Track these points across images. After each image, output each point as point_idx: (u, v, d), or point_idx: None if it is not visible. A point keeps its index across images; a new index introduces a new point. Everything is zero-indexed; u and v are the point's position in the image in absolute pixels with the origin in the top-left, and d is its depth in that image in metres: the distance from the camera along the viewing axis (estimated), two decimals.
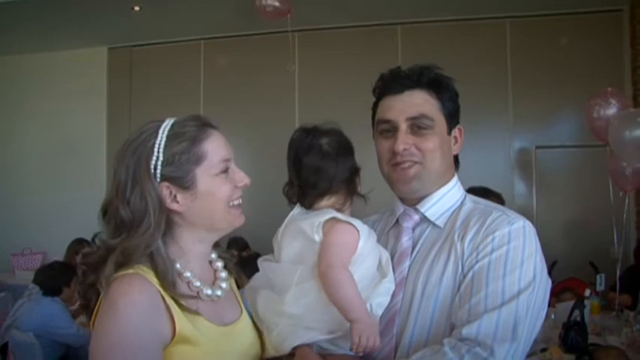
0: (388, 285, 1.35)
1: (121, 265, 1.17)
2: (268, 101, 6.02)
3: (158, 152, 1.21)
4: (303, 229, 1.38)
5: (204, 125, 1.27)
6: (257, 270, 1.45)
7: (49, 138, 6.59)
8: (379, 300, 1.33)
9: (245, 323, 1.35)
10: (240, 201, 1.31)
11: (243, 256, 4.31)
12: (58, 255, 5.18)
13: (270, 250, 1.46)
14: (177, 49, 6.39)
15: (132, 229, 1.19)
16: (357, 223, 1.38)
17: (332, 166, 1.41)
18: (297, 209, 1.46)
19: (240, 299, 1.42)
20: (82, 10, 5.32)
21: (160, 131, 1.23)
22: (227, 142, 1.31)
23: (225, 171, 1.27)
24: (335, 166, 1.41)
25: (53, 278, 3.89)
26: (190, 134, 1.24)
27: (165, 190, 1.21)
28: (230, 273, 1.40)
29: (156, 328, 1.13)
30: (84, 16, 5.48)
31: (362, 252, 1.36)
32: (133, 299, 1.11)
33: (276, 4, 4.72)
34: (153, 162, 1.21)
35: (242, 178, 1.30)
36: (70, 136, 6.50)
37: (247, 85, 6.08)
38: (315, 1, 5.21)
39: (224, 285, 1.32)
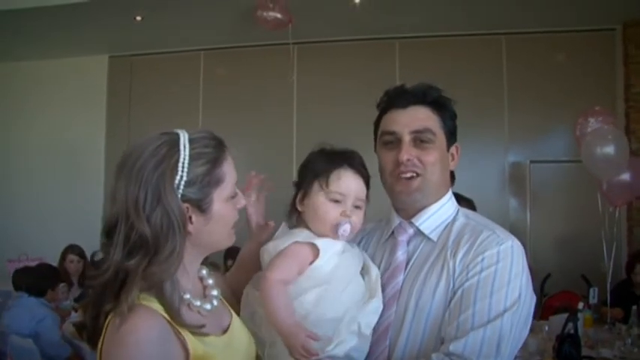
0: (376, 304, 1.38)
1: (142, 291, 1.12)
2: (266, 112, 6.07)
3: (182, 171, 1.16)
4: (268, 250, 1.43)
5: (220, 144, 1.24)
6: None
7: (49, 144, 6.60)
8: (367, 320, 1.36)
9: (237, 322, 1.35)
10: (237, 219, 1.30)
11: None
12: (54, 261, 5.19)
13: None
14: (177, 59, 6.44)
15: (152, 250, 1.12)
16: (320, 242, 1.39)
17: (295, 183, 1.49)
18: (282, 226, 1.50)
19: (224, 301, 1.38)
20: (84, 18, 5.35)
21: (181, 147, 1.18)
22: None
23: (234, 196, 1.26)
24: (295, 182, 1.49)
25: (40, 280, 3.99)
26: (212, 155, 1.21)
27: (185, 210, 1.17)
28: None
29: (172, 349, 1.11)
30: (86, 24, 5.50)
31: (328, 270, 1.37)
32: (143, 336, 1.08)
33: (278, 15, 4.77)
34: (177, 180, 1.16)
35: (240, 200, 1.29)
36: (69, 143, 6.52)
37: (246, 96, 6.12)
38: (315, 15, 5.27)
39: (215, 292, 1.30)
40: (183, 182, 1.17)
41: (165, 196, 1.14)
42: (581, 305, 3.41)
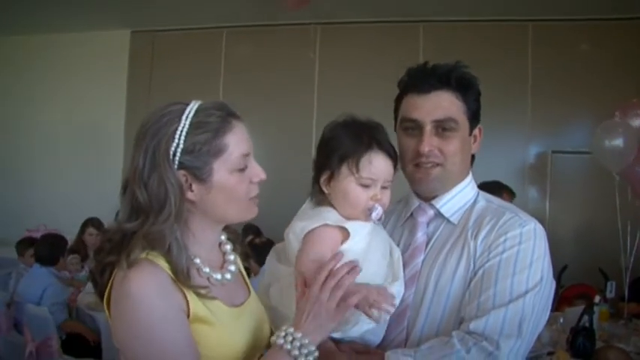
0: (398, 288, 1.37)
1: (144, 250, 1.17)
2: (287, 93, 6.04)
3: (179, 139, 1.18)
4: (294, 231, 1.40)
5: (228, 116, 1.24)
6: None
7: (70, 118, 6.63)
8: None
9: (254, 304, 1.37)
10: (256, 193, 1.30)
11: (256, 243, 4.35)
12: (72, 233, 5.27)
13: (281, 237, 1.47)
14: (198, 36, 6.40)
15: (150, 214, 1.17)
16: (351, 226, 1.37)
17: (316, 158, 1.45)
18: (307, 203, 1.48)
19: (247, 280, 1.43)
20: None
21: (184, 117, 1.20)
22: (248, 134, 1.29)
23: (243, 168, 1.25)
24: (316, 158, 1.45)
25: (48, 248, 4.07)
26: (214, 125, 1.21)
27: (182, 177, 1.20)
28: (236, 252, 1.41)
29: (174, 302, 1.15)
30: None
31: (359, 251, 1.35)
32: (144, 287, 1.12)
33: None
34: (172, 148, 1.18)
35: (258, 173, 1.28)
36: (90, 117, 6.54)
37: (267, 76, 6.09)
38: None
39: (232, 268, 1.33)
40: (179, 150, 1.19)
41: (161, 162, 1.17)
42: (597, 299, 3.37)
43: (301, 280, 1.29)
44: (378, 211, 1.37)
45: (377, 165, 1.38)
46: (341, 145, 1.39)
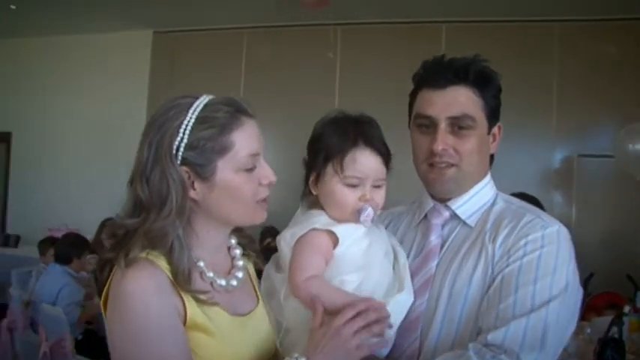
0: (405, 297, 1.28)
1: (144, 249, 1.13)
2: (308, 94, 5.99)
3: (183, 134, 1.13)
4: (285, 239, 1.33)
5: (238, 112, 1.18)
6: None
7: (92, 117, 6.68)
8: (394, 315, 1.24)
9: (261, 314, 1.29)
10: (265, 195, 1.22)
11: (272, 246, 4.29)
12: (92, 233, 5.29)
13: None
14: (220, 37, 6.40)
15: (151, 210, 1.12)
16: (340, 229, 1.28)
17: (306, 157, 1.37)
18: (300, 207, 1.40)
19: (257, 288, 1.35)
20: None
21: (190, 111, 1.14)
22: (260, 133, 1.21)
23: (251, 169, 1.18)
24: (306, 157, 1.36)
25: (66, 247, 4.11)
26: (221, 121, 1.15)
27: (184, 174, 1.14)
28: (248, 257, 1.35)
29: (170, 304, 1.10)
30: None
31: (356, 257, 1.28)
32: (142, 283, 1.08)
33: None
34: (176, 142, 1.13)
35: (267, 175, 1.21)
36: (112, 118, 6.57)
37: (287, 77, 6.07)
38: None
39: (240, 274, 1.27)
40: (183, 145, 1.13)
41: (163, 157, 1.12)
42: (627, 309, 3.26)
43: (320, 307, 1.19)
44: (367, 213, 1.27)
45: (362, 163, 1.28)
46: (326, 143, 1.31)
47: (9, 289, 4.35)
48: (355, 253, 1.28)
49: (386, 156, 1.32)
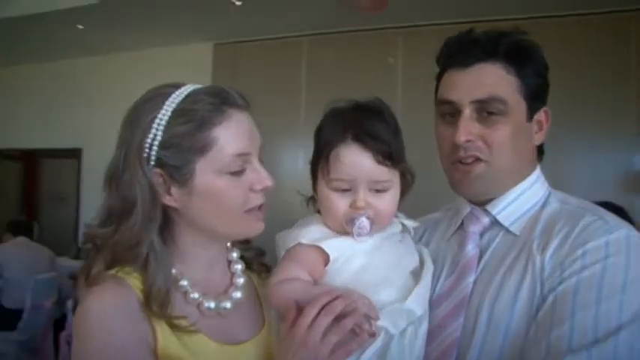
0: (409, 307, 1.05)
1: (109, 265, 0.99)
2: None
3: (157, 130, 0.98)
4: (282, 238, 1.14)
5: (223, 104, 1.02)
6: None
7: None
8: (390, 319, 1.01)
9: (263, 341, 1.07)
10: (259, 203, 1.04)
11: None
12: None
13: None
14: (280, 46, 6.41)
15: (122, 219, 0.98)
16: (330, 245, 1.06)
17: None
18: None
19: (266, 309, 1.13)
20: (186, 3, 5.36)
21: (167, 103, 1.00)
22: (253, 129, 1.04)
23: (239, 172, 1.01)
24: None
25: None
26: (200, 114, 0.99)
27: (158, 177, 0.99)
28: (259, 274, 1.15)
29: (136, 331, 0.94)
30: (189, 10, 5.53)
31: (351, 274, 1.05)
32: (103, 306, 0.94)
33: None
34: (148, 140, 0.98)
35: (261, 179, 1.03)
36: None
37: (349, 83, 5.95)
38: None
39: (238, 295, 1.08)
40: (157, 143, 0.98)
41: (132, 157, 0.98)
42: None
43: (293, 310, 0.98)
44: (360, 223, 1.05)
45: (348, 162, 1.05)
46: (318, 137, 1.13)
47: (67, 301, 4.36)
48: (346, 272, 1.06)
49: (384, 151, 1.07)
